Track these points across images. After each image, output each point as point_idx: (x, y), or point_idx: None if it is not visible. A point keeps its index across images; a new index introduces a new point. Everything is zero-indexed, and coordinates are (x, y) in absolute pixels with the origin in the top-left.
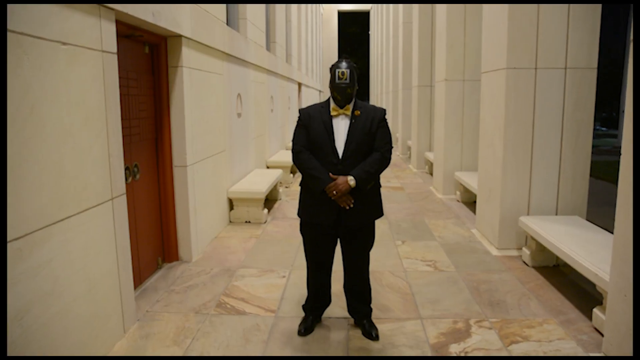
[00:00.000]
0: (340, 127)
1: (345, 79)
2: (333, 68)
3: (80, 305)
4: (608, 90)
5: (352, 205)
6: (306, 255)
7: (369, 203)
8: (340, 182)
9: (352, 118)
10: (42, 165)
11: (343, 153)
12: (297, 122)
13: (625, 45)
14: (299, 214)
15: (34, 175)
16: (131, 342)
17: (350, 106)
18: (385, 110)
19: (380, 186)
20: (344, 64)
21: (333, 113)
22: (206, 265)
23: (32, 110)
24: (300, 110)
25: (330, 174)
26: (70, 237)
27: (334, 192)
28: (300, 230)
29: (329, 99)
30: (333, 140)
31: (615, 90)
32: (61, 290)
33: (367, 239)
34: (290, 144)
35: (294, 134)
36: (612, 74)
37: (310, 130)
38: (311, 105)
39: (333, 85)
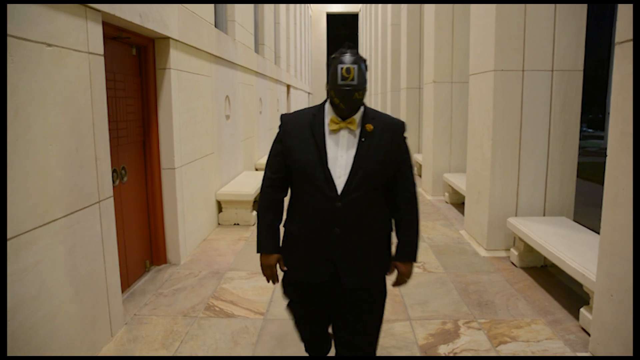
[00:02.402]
0: (341, 148)
1: (352, 79)
2: (334, 62)
3: (67, 308)
4: (594, 92)
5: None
6: (299, 333)
7: (377, 251)
8: (406, 273)
9: (362, 135)
10: (27, 167)
11: (345, 186)
12: (277, 135)
13: (610, 48)
14: (284, 265)
15: (20, 177)
16: (119, 346)
17: (358, 117)
18: (404, 123)
19: (392, 229)
20: (348, 57)
21: (332, 127)
22: (195, 268)
23: (17, 112)
24: (282, 118)
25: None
26: (56, 240)
27: (407, 280)
28: (284, 292)
29: (323, 103)
30: (327, 167)
31: (601, 92)
32: (47, 294)
33: (375, 305)
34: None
35: (270, 152)
36: (597, 76)
37: (293, 149)
38: (298, 112)
39: (334, 87)
